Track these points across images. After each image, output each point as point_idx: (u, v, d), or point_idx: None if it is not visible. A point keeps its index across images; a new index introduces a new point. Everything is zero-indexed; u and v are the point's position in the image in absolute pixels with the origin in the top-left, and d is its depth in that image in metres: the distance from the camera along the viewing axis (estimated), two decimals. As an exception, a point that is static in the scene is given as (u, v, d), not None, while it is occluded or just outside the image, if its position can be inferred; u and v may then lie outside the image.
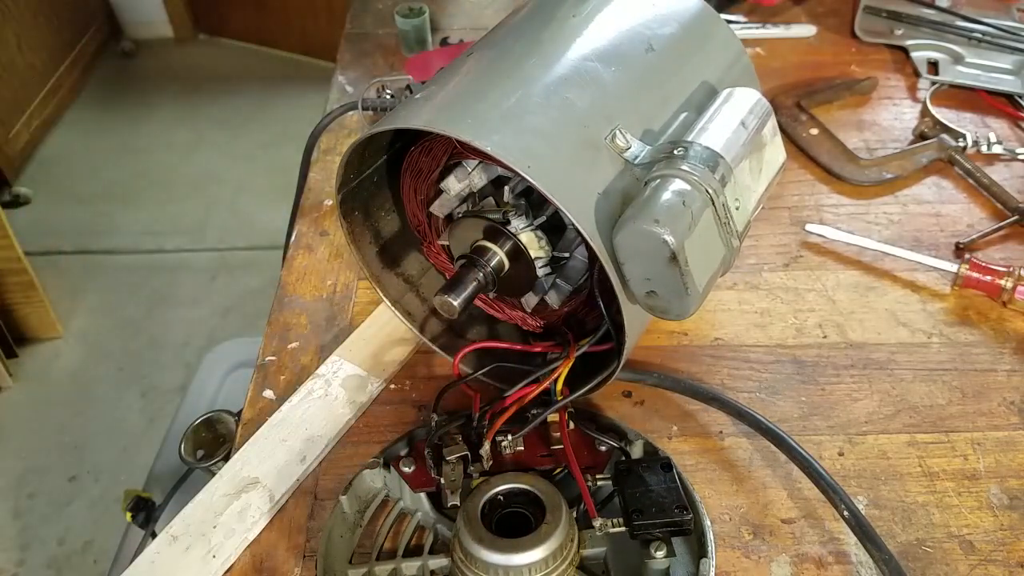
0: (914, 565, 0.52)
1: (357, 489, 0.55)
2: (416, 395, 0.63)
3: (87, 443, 1.71)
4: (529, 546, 0.47)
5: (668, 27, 0.57)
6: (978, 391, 0.62)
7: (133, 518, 0.74)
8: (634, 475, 0.52)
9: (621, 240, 0.45)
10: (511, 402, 0.54)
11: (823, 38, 1.02)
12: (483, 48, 0.56)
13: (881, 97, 0.93)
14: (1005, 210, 0.76)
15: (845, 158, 0.82)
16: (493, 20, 0.65)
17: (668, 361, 0.65)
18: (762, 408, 0.60)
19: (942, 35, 0.98)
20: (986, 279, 0.68)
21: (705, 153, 0.47)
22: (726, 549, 0.53)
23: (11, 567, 1.53)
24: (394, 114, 0.52)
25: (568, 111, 0.49)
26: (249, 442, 0.59)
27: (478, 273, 0.52)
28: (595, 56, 0.52)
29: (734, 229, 0.49)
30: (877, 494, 0.56)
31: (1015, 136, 0.86)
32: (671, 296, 0.46)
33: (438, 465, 0.53)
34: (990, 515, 0.55)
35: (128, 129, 2.53)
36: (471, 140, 0.45)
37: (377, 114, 0.83)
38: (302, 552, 0.53)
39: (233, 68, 2.86)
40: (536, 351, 0.58)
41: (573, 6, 0.56)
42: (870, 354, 0.65)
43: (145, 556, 0.52)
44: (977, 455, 0.58)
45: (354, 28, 1.07)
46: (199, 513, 0.54)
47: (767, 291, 0.70)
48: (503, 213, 0.53)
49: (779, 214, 0.78)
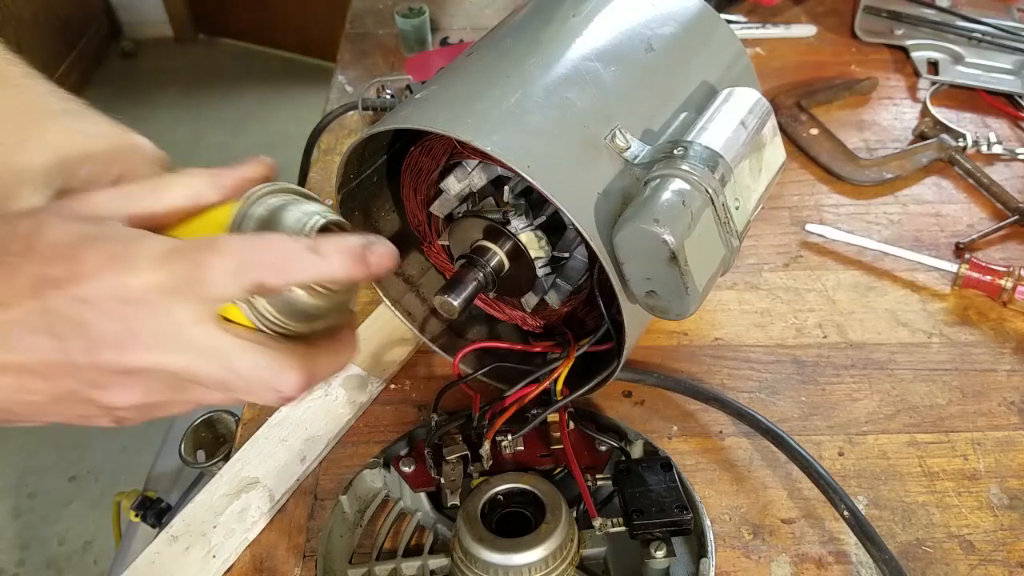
0: (914, 565, 0.52)
1: (357, 489, 0.55)
2: (416, 395, 0.63)
3: (87, 443, 1.71)
4: (529, 546, 0.47)
5: (668, 27, 0.57)
6: (978, 391, 0.62)
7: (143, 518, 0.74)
8: (634, 475, 0.52)
9: (621, 240, 0.45)
10: (511, 402, 0.54)
11: (823, 38, 1.02)
12: (483, 48, 0.56)
13: (881, 97, 0.93)
14: (1005, 210, 0.76)
15: (845, 158, 0.82)
16: (493, 20, 0.65)
17: (668, 361, 0.65)
18: (762, 408, 0.60)
19: (942, 35, 0.98)
20: (986, 279, 0.68)
21: (705, 153, 0.47)
22: (726, 549, 0.53)
23: (11, 567, 1.53)
24: (394, 114, 0.52)
25: (568, 111, 0.49)
26: (249, 442, 0.59)
27: (478, 273, 0.52)
28: (595, 56, 0.52)
29: (734, 229, 0.49)
30: (877, 494, 0.56)
31: (1015, 136, 0.86)
32: (671, 296, 0.46)
33: (438, 465, 0.53)
34: (990, 515, 0.55)
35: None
36: (471, 140, 0.45)
37: (377, 114, 0.83)
38: (302, 552, 0.53)
39: (233, 68, 2.86)
40: (536, 351, 0.58)
41: (573, 6, 0.56)
42: (870, 354, 0.65)
43: (145, 556, 0.52)
44: (977, 455, 0.58)
45: (354, 28, 1.07)
46: (199, 513, 0.54)
47: (767, 291, 0.70)
48: (503, 213, 0.53)
49: (779, 214, 0.78)
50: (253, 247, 0.35)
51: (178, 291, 0.34)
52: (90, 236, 0.35)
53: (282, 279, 0.35)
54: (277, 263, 0.35)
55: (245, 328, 0.37)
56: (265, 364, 0.36)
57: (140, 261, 0.34)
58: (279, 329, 0.37)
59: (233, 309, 0.36)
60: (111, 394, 0.36)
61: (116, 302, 0.34)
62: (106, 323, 0.34)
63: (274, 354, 0.36)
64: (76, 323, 0.34)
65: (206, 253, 0.34)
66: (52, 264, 0.34)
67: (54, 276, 0.34)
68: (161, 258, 0.34)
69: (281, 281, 0.35)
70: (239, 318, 0.36)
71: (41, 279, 0.34)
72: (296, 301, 0.37)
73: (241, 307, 0.36)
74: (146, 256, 0.34)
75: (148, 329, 0.34)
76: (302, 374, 0.37)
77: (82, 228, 0.35)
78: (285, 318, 0.37)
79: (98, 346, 0.34)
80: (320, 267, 0.35)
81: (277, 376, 0.36)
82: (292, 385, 0.37)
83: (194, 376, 0.36)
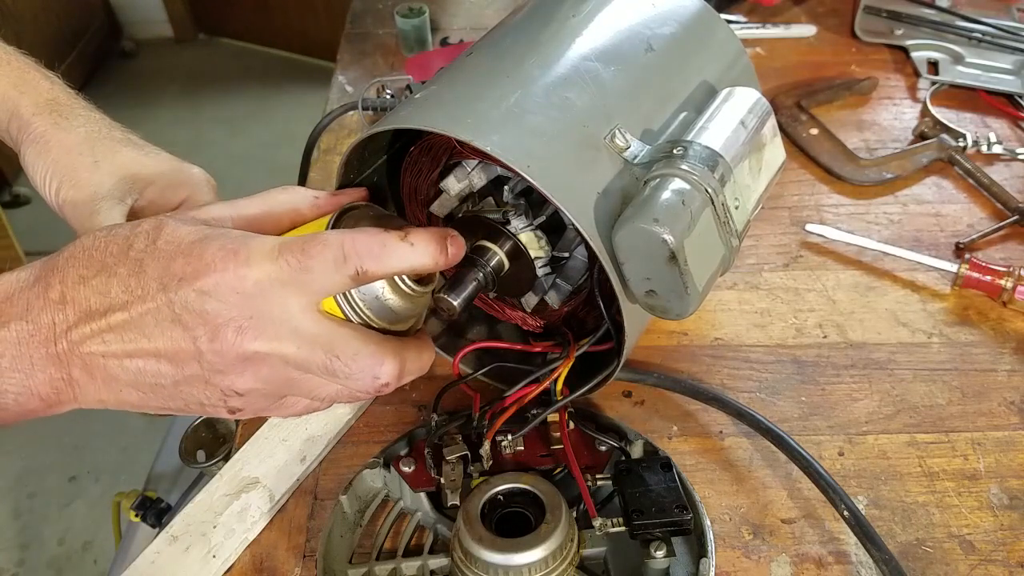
0: (914, 565, 0.52)
1: (357, 489, 0.55)
2: (416, 395, 0.63)
3: (87, 443, 1.71)
4: (529, 546, 0.47)
5: (668, 27, 0.57)
6: (978, 391, 0.62)
7: (143, 518, 0.74)
8: (634, 475, 0.52)
9: (621, 239, 0.45)
10: (511, 402, 0.54)
11: (823, 38, 1.02)
12: (483, 48, 0.56)
13: (881, 97, 0.93)
14: (1005, 210, 0.76)
15: (845, 158, 0.82)
16: (493, 20, 0.65)
17: (668, 361, 0.65)
18: (762, 408, 0.60)
19: (942, 35, 0.98)
20: (986, 279, 0.68)
21: (704, 153, 0.47)
22: (726, 549, 0.53)
23: (11, 567, 1.53)
24: (394, 114, 0.52)
25: (568, 111, 0.49)
26: (249, 442, 0.59)
27: (478, 273, 0.52)
28: (595, 56, 0.52)
29: (734, 229, 0.49)
30: (877, 494, 0.56)
31: (1015, 136, 0.86)
32: (671, 296, 0.46)
33: (438, 465, 0.53)
34: (990, 515, 0.55)
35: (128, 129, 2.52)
36: (471, 140, 0.45)
37: (377, 114, 0.83)
38: (302, 552, 0.53)
39: (233, 68, 2.86)
40: (536, 351, 0.58)
41: (573, 6, 0.56)
42: (870, 354, 0.65)
43: (145, 556, 0.52)
44: (977, 455, 0.58)
45: (354, 28, 1.07)
46: (199, 513, 0.54)
47: (767, 291, 0.70)
48: (503, 213, 0.53)
49: (779, 214, 0.78)
50: (354, 237, 0.39)
51: (290, 282, 0.38)
52: (208, 236, 0.39)
53: (381, 266, 0.39)
54: (376, 250, 0.39)
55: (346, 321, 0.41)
56: (367, 351, 0.40)
57: (254, 255, 0.38)
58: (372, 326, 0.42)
59: (332, 306, 0.41)
60: (230, 379, 0.39)
61: (235, 294, 0.37)
62: (226, 312, 0.38)
63: (374, 343, 0.40)
64: (200, 313, 0.37)
65: (312, 244, 0.38)
66: (176, 260, 0.38)
67: (179, 271, 0.38)
68: (274, 252, 0.38)
69: (380, 268, 0.39)
70: (336, 313, 0.41)
71: (167, 274, 0.38)
72: (386, 299, 0.42)
73: (340, 303, 0.41)
74: (259, 251, 0.38)
75: (263, 317, 0.38)
76: (397, 362, 0.41)
77: (200, 229, 0.39)
78: (376, 316, 0.42)
79: (220, 334, 0.38)
80: (412, 255, 0.40)
81: (377, 362, 0.40)
82: (389, 372, 0.40)
83: (303, 362, 0.39)
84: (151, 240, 0.39)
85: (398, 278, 0.42)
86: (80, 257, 0.39)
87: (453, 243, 0.41)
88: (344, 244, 0.38)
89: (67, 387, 0.39)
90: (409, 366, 0.42)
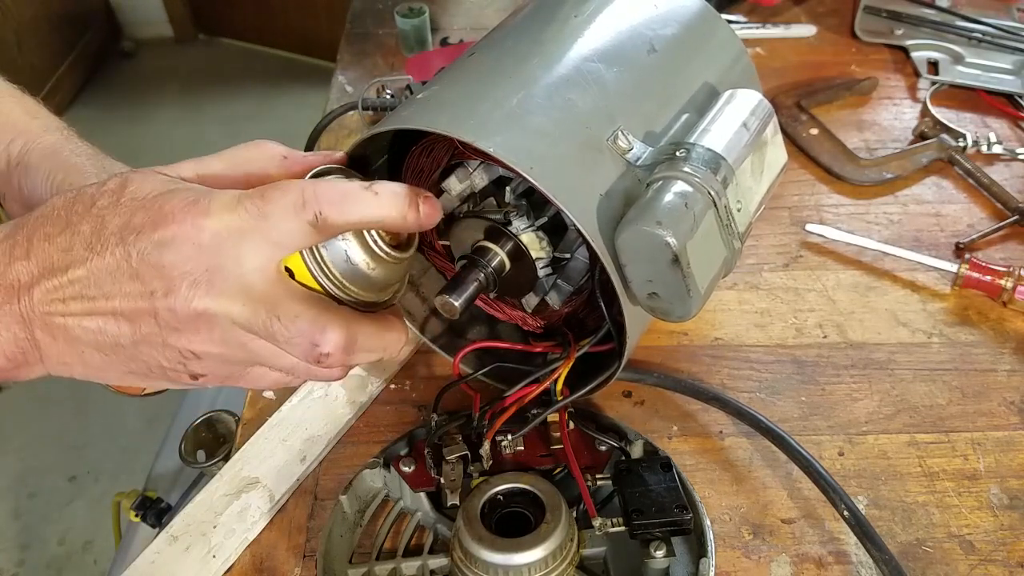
0: (914, 565, 0.52)
1: (357, 489, 0.55)
2: (416, 395, 0.63)
3: (87, 443, 1.71)
4: (529, 546, 0.47)
5: (670, 28, 0.57)
6: (978, 391, 0.62)
7: (143, 518, 0.74)
8: (634, 475, 0.52)
9: (623, 242, 0.45)
10: (511, 402, 0.54)
11: (823, 38, 1.02)
12: (484, 48, 0.56)
13: (881, 97, 0.93)
14: (1005, 210, 0.76)
15: (845, 158, 0.82)
16: (493, 20, 0.65)
17: (668, 361, 0.65)
18: (762, 408, 0.60)
19: (942, 35, 0.98)
20: (986, 279, 0.68)
21: (707, 155, 0.47)
22: (726, 549, 0.53)
23: (11, 567, 1.53)
24: (395, 114, 0.52)
25: (570, 112, 0.49)
26: (249, 442, 0.59)
27: (479, 273, 0.52)
28: (597, 57, 0.52)
29: (736, 231, 0.49)
30: (877, 494, 0.56)
31: (1015, 136, 0.86)
32: (673, 298, 0.46)
33: (438, 465, 0.53)
34: (990, 515, 0.55)
35: (128, 129, 2.52)
36: (473, 141, 0.45)
37: (377, 114, 0.83)
38: (302, 552, 0.53)
39: (233, 68, 2.86)
40: (536, 351, 0.58)
41: (575, 6, 0.56)
42: (870, 354, 0.65)
43: (145, 556, 0.52)
44: (977, 455, 0.58)
45: (354, 28, 1.07)
46: (199, 513, 0.54)
47: (767, 291, 0.70)
48: (504, 213, 0.53)
49: (779, 214, 0.78)
50: (315, 183, 0.38)
51: (248, 231, 0.37)
52: (172, 189, 0.38)
53: (342, 214, 0.37)
54: (337, 198, 0.37)
55: (302, 286, 0.39)
56: (308, 315, 0.38)
57: (214, 205, 0.37)
58: (338, 290, 0.40)
59: (299, 264, 0.38)
60: (186, 338, 0.38)
61: (191, 245, 0.36)
62: (182, 265, 0.36)
63: (318, 308, 0.38)
64: (157, 265, 0.36)
65: (271, 190, 0.37)
66: (136, 214, 0.37)
67: (138, 223, 0.37)
68: (233, 202, 0.37)
69: (341, 216, 0.37)
70: (305, 277, 0.39)
71: (126, 227, 0.37)
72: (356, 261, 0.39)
73: (307, 261, 0.39)
74: (220, 202, 0.37)
75: (217, 271, 0.37)
76: (342, 333, 0.38)
77: (164, 182, 0.38)
78: (346, 280, 0.39)
79: (174, 288, 0.36)
80: (376, 205, 0.38)
81: (318, 328, 0.38)
82: (332, 341, 0.38)
83: (248, 323, 0.37)
84: (115, 197, 0.38)
85: (370, 239, 0.40)
86: (49, 215, 0.38)
87: (426, 203, 0.39)
88: (305, 190, 0.37)
89: (32, 348, 0.38)
90: (364, 342, 0.39)
